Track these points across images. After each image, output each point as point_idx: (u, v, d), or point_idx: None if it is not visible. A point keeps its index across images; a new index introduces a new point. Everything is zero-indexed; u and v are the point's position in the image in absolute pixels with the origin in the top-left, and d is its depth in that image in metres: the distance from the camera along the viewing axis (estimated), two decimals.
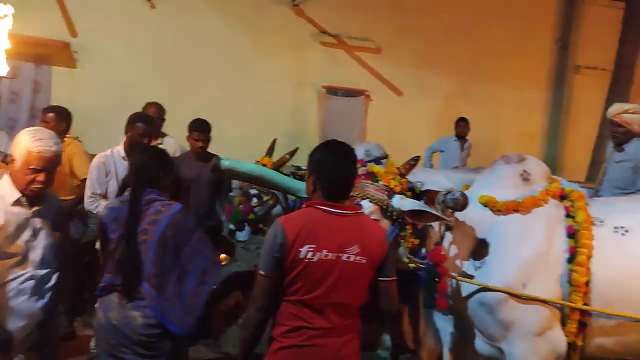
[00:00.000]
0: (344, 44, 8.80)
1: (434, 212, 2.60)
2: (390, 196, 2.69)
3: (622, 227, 2.76)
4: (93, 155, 4.21)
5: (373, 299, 2.31)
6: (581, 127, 9.60)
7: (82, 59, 7.72)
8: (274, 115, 8.37)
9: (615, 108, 4.48)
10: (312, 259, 2.12)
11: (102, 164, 3.98)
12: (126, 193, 2.67)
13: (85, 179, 4.15)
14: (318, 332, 2.16)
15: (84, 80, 7.67)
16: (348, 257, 2.16)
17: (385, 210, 2.66)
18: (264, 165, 3.84)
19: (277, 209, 4.12)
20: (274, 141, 4.27)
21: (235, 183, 4.78)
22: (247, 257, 6.44)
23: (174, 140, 4.92)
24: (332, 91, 8.88)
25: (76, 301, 4.43)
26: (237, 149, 5.33)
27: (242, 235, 4.24)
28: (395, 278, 2.30)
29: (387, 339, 4.33)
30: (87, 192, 3.96)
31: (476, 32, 9.26)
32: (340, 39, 8.76)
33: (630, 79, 8.33)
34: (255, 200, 4.05)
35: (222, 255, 3.75)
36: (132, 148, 3.82)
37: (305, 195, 2.99)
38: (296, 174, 3.78)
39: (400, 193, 2.74)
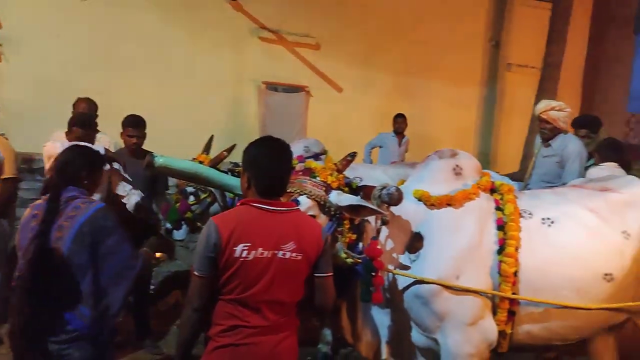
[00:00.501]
0: (284, 40, 8.76)
1: (371, 206, 2.63)
2: (327, 192, 2.71)
3: (549, 219, 2.88)
4: (24, 153, 4.01)
5: (311, 295, 2.32)
6: (513, 123, 9.96)
7: (7, 51, 7.34)
8: (213, 111, 8.25)
9: (543, 105, 4.64)
10: (247, 257, 2.10)
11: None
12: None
13: (10, 178, 3.95)
14: (254, 330, 2.15)
15: (10, 74, 7.30)
16: (284, 254, 2.15)
17: (323, 206, 2.67)
18: (201, 162, 3.77)
19: (216, 206, 4.07)
20: (211, 138, 4.21)
21: (172, 181, 4.69)
22: (186, 256, 6.32)
23: (108, 137, 4.77)
24: (272, 87, 8.84)
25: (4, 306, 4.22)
26: (174, 146, 5.21)
27: (179, 234, 4.16)
28: (331, 274, 2.31)
29: (327, 333, 4.37)
30: None
31: (413, 30, 9.44)
32: (280, 34, 8.72)
33: (557, 76, 8.68)
34: (192, 198, 3.98)
35: (159, 254, 3.67)
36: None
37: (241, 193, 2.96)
38: (234, 171, 3.73)
39: (338, 189, 2.77)
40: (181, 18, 8.15)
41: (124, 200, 3.55)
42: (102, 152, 3.70)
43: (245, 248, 2.10)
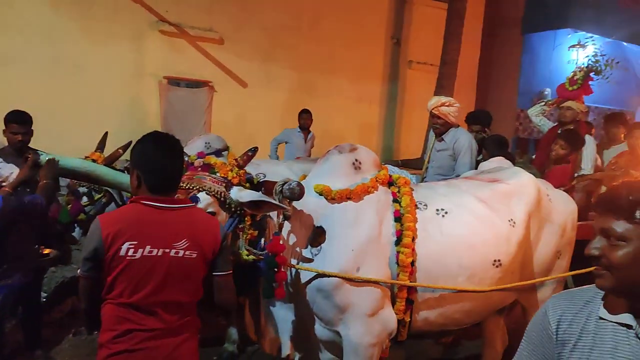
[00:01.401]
0: (186, 34, 8.52)
1: (273, 201, 2.61)
2: (228, 188, 2.66)
3: (443, 210, 3.01)
4: None
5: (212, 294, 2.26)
6: (414, 118, 10.34)
7: None
8: (109, 107, 7.88)
9: (434, 101, 4.82)
10: (134, 256, 2.02)
11: None
12: None
13: None
14: (150, 334, 2.06)
15: None
16: (177, 252, 2.08)
17: (223, 203, 2.63)
18: (94, 161, 3.58)
19: (112, 206, 3.88)
20: (105, 135, 4.01)
21: (64, 181, 4.41)
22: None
23: None
24: (174, 82, 8.59)
25: None
26: (65, 143, 4.92)
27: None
28: (230, 272, 2.27)
29: (233, 332, 4.31)
30: None
31: (317, 27, 9.53)
32: (182, 28, 8.47)
33: (454, 74, 9.09)
34: (85, 199, 3.77)
35: (47, 250, 3.47)
36: None
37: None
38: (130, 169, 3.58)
39: (239, 185, 2.73)
40: (72, 9, 7.68)
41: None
42: None
43: (132, 246, 2.01)
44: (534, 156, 6.18)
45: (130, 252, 2.01)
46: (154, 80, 8.37)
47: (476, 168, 4.66)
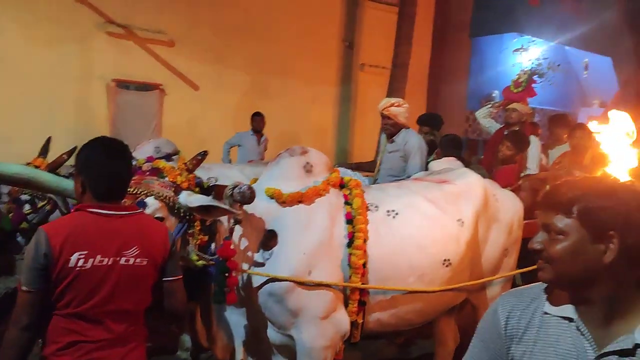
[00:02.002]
0: (134, 36, 8.34)
1: (223, 206, 2.57)
2: (177, 193, 2.61)
3: (393, 211, 3.04)
4: None
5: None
6: (367, 121, 10.43)
7: None
8: (54, 111, 7.64)
9: (384, 102, 4.90)
10: (84, 266, 1.95)
11: None
12: None
13: None
14: (97, 345, 2.00)
15: None
16: (127, 261, 2.03)
17: (172, 207, 2.58)
18: (37, 167, 3.45)
19: (57, 214, 3.74)
20: (48, 140, 3.87)
21: (5, 188, 4.23)
22: None
23: None
24: (124, 85, 8.39)
25: None
26: (7, 149, 4.74)
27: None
28: (180, 277, 2.23)
29: (186, 339, 4.23)
30: None
31: (269, 29, 9.50)
32: (130, 30, 8.28)
33: (405, 76, 9.23)
34: (28, 207, 3.62)
35: None
36: None
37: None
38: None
39: (188, 189, 2.68)
40: (13, 10, 7.40)
41: None
42: None
43: (82, 256, 1.95)
44: (481, 157, 6.34)
45: (81, 263, 1.95)
46: (102, 83, 8.15)
47: (427, 168, 4.74)
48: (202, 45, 8.87)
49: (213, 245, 2.75)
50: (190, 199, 2.59)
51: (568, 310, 1.41)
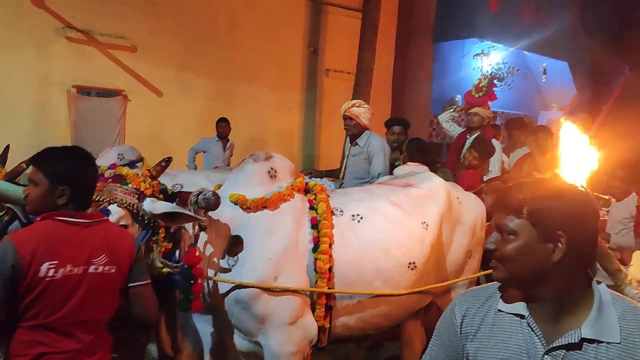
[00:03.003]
0: (95, 41, 8.17)
1: (187, 212, 2.56)
2: (141, 199, 2.58)
3: (358, 215, 3.06)
4: None
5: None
6: (333, 125, 10.45)
7: None
8: (12, 118, 7.42)
9: (345, 104, 5.00)
10: (54, 276, 1.94)
11: None
12: None
13: None
14: (66, 356, 1.99)
15: None
16: (96, 269, 2.04)
17: (136, 215, 2.55)
18: None
19: (15, 225, 3.64)
20: (7, 148, 3.76)
21: None
22: None
23: None
24: (85, 91, 8.21)
25: None
26: None
27: None
28: (148, 281, 2.24)
29: (153, 349, 4.16)
30: None
31: (234, 35, 9.45)
32: (91, 35, 8.10)
33: (370, 81, 9.30)
34: None
35: None
36: None
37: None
38: None
39: (152, 196, 2.65)
40: None
41: None
42: None
43: (52, 266, 1.93)
44: (444, 160, 6.44)
45: (51, 272, 1.93)
46: (62, 90, 7.95)
47: (391, 172, 4.79)
48: (166, 51, 8.76)
49: (177, 253, 2.72)
50: (154, 205, 2.57)
51: (520, 307, 1.46)
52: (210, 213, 2.73)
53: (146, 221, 2.57)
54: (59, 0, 7.82)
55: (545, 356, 1.38)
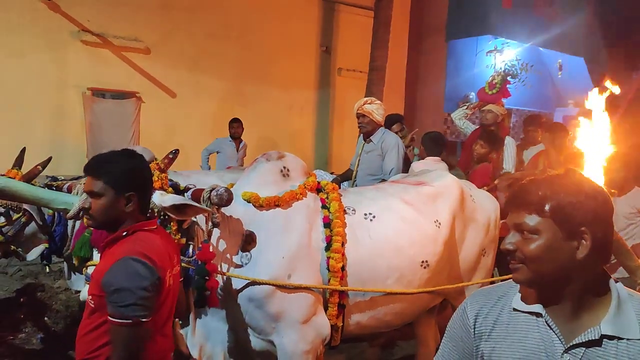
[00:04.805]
0: (110, 44, 8.26)
1: (195, 204, 2.56)
2: None
3: (371, 214, 3.06)
4: None
5: None
6: (346, 125, 10.47)
7: None
8: (30, 121, 7.53)
9: (358, 103, 5.03)
10: (171, 283, 2.07)
11: None
12: None
13: None
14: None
15: None
16: (177, 269, 2.19)
17: None
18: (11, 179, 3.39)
19: (32, 226, 3.69)
20: (23, 150, 3.81)
21: None
22: (5, 282, 5.71)
23: None
24: (100, 93, 8.31)
25: None
26: None
27: None
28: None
29: None
30: None
31: (246, 35, 9.49)
32: (105, 38, 8.19)
33: (382, 80, 9.27)
34: (2, 219, 3.56)
35: None
36: None
37: (59, 207, 2.72)
38: (52, 186, 3.41)
39: (161, 189, 2.67)
40: None
41: None
42: None
43: (169, 274, 2.05)
44: (459, 158, 6.41)
45: (170, 281, 2.05)
46: (78, 92, 8.05)
47: (404, 166, 4.80)
48: (179, 52, 8.83)
49: (191, 249, 2.74)
50: (164, 198, 2.57)
51: (536, 305, 1.42)
52: (223, 210, 2.74)
53: (155, 214, 2.59)
54: (74, 4, 7.92)
55: (565, 354, 1.35)
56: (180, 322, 2.91)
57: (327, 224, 2.89)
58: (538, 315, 1.42)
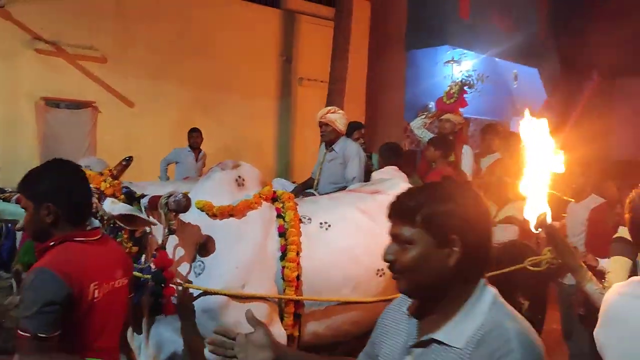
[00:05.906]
0: (64, 52, 8.06)
1: (143, 216, 2.53)
2: (100, 199, 2.55)
3: (326, 223, 3.06)
4: None
5: None
6: (307, 134, 10.46)
7: None
8: None
9: (321, 112, 5.05)
10: (99, 297, 1.95)
11: None
12: None
13: None
14: None
15: None
16: (118, 283, 2.08)
17: (95, 214, 2.50)
18: None
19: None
20: None
21: None
22: None
23: None
24: (54, 103, 8.08)
25: None
26: None
27: None
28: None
29: None
30: None
31: (206, 44, 9.41)
32: (59, 46, 7.99)
33: (343, 90, 9.35)
34: None
35: None
36: None
37: (7, 217, 2.66)
38: None
39: (113, 196, 2.62)
40: None
41: None
42: None
43: (95, 287, 1.94)
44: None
45: (97, 294, 1.94)
46: (30, 102, 7.81)
47: (369, 177, 4.82)
48: (136, 61, 8.68)
49: (143, 257, 2.69)
50: (113, 206, 2.54)
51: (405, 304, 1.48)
52: (181, 217, 2.70)
53: (105, 222, 2.53)
54: (27, 12, 7.70)
55: (407, 356, 1.39)
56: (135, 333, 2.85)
57: (282, 233, 2.88)
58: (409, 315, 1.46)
